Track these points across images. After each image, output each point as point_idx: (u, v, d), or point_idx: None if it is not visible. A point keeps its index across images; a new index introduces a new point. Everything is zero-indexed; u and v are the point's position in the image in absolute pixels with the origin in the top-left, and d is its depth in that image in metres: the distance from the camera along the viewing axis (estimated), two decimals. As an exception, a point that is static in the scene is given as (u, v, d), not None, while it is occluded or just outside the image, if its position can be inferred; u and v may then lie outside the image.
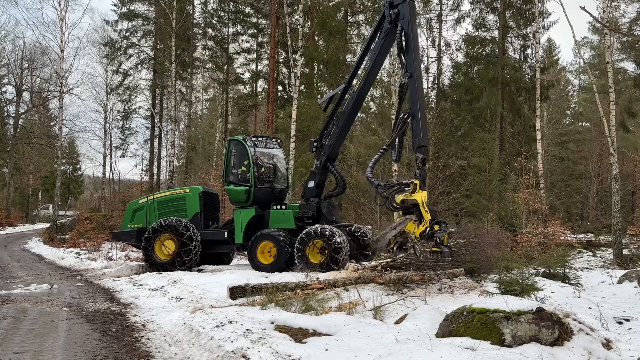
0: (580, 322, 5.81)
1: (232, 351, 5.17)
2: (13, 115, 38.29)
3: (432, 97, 28.68)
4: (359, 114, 26.50)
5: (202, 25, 32.34)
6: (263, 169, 12.92)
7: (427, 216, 8.93)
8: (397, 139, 10.34)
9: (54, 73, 34.25)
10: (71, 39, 50.87)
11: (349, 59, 23.78)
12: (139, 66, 34.67)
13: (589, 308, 8.10)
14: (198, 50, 32.76)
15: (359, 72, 12.24)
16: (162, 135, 35.06)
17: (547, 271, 11.08)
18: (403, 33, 10.31)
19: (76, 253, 18.43)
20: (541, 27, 23.60)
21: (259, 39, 31.86)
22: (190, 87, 33.94)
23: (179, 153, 29.21)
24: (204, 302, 8.24)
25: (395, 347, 5.24)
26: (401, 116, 10.16)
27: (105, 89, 37.72)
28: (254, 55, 32.42)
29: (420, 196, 8.96)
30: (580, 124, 42.58)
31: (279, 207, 12.68)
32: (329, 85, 24.13)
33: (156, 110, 34.12)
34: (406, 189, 9.13)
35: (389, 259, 10.77)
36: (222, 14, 31.57)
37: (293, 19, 25.08)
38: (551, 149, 33.48)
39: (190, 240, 12.51)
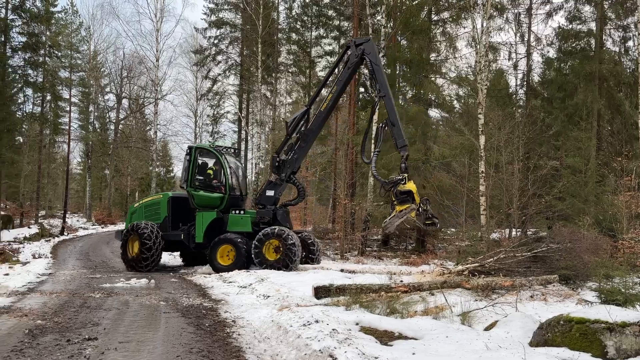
0: (695, 338, 5.30)
1: (320, 350, 5.24)
2: (114, 121, 41.40)
3: (521, 94, 27.41)
4: (440, 114, 26.11)
5: (286, 30, 33.08)
6: (226, 177, 13.99)
7: (417, 200, 11.19)
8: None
9: (149, 81, 36.65)
10: (165, 48, 54.08)
11: (432, 58, 23.31)
12: (227, 72, 36.14)
13: None
14: (282, 55, 33.54)
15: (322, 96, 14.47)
16: (249, 138, 36.27)
17: (654, 280, 10.20)
18: (372, 64, 12.65)
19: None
20: (644, 16, 21.77)
21: (341, 42, 32.05)
22: (275, 91, 34.81)
23: (264, 155, 30.06)
24: (290, 301, 8.41)
25: (486, 355, 5.07)
26: (380, 126, 12.46)
27: (195, 94, 39.70)
28: (336, 58, 32.67)
29: (412, 185, 11.26)
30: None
31: (237, 212, 13.76)
32: (411, 85, 23.77)
33: (243, 114, 35.37)
34: (401, 182, 11.21)
35: (476, 264, 10.47)
36: (306, 18, 32.11)
37: (375, 20, 24.99)
38: (656, 148, 30.76)
39: (149, 240, 13.58)
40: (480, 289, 8.87)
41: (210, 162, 14.53)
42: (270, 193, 13.82)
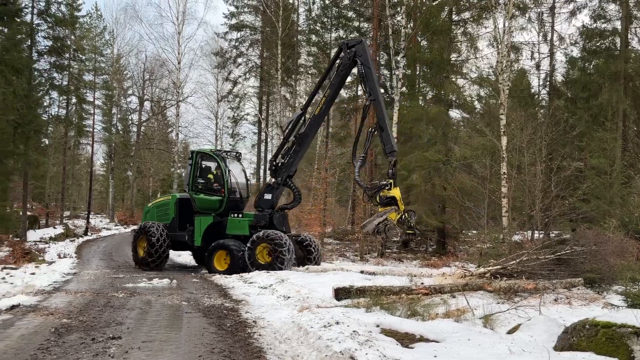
0: None
1: (340, 352, 5.23)
2: (136, 123, 42.00)
3: (544, 94, 27.03)
4: (461, 115, 25.86)
5: (306, 32, 33.18)
6: (225, 180, 14.31)
7: (402, 207, 11.07)
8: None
9: (171, 83, 37.09)
10: (186, 51, 54.58)
11: (453, 58, 23.13)
12: (247, 74, 36.42)
13: None
14: (302, 57, 33.64)
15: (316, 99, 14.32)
16: (268, 139, 36.45)
17: (683, 284, 9.95)
18: (363, 67, 12.45)
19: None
20: (672, 14, 21.29)
21: (361, 43, 32.00)
22: (295, 93, 34.93)
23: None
24: (310, 302, 8.42)
25: (510, 359, 5.00)
26: (370, 130, 12.19)
27: (216, 97, 40.02)
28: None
29: (396, 192, 11.09)
30: None
31: (236, 215, 14.05)
32: (432, 86, 23.62)
33: (262, 116, 35.57)
34: (385, 188, 11.13)
35: (499, 266, 10.36)
36: (325, 19, 32.18)
37: (395, 21, 24.88)
38: (684, 148, 30.00)
39: (155, 240, 14.03)
40: (503, 292, 8.77)
41: (212, 166, 14.92)
42: (268, 196, 14.13)
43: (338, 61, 13.53)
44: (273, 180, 14.19)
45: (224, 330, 6.73)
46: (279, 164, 14.09)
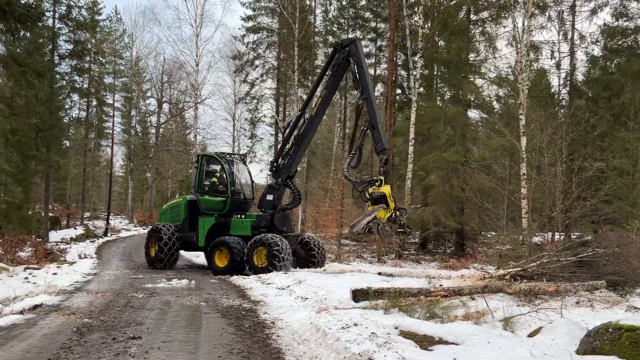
0: None
1: (359, 353, 5.22)
2: (155, 125, 42.47)
3: (564, 94, 26.65)
4: (480, 115, 25.63)
5: (323, 33, 33.19)
6: (228, 182, 14.68)
7: (392, 205, 10.87)
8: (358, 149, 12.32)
9: (189, 85, 37.42)
10: (204, 53, 55.14)
11: (471, 58, 22.93)
12: (264, 76, 36.52)
13: None
14: (319, 58, 33.65)
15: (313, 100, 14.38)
16: (285, 141, 36.46)
17: None
18: (356, 66, 12.54)
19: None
20: (697, 11, 20.83)
21: (378, 43, 31.97)
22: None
23: (300, 158, 30.11)
24: (328, 303, 8.40)
25: (531, 362, 4.94)
26: (362, 128, 12.19)
27: (233, 98, 40.27)
28: (373, 60, 32.54)
29: (386, 189, 10.88)
30: None
31: (239, 216, 14.42)
32: (450, 86, 23.46)
33: (280, 118, 35.65)
34: (375, 184, 11.01)
35: (518, 268, 10.24)
36: (342, 20, 32.16)
37: (412, 21, 24.77)
38: None
39: (165, 241, 14.46)
40: (523, 294, 8.66)
41: (217, 169, 15.29)
42: (269, 197, 14.37)
43: (334, 62, 13.60)
44: (274, 181, 14.40)
45: (243, 331, 6.75)
46: (280, 165, 14.33)
